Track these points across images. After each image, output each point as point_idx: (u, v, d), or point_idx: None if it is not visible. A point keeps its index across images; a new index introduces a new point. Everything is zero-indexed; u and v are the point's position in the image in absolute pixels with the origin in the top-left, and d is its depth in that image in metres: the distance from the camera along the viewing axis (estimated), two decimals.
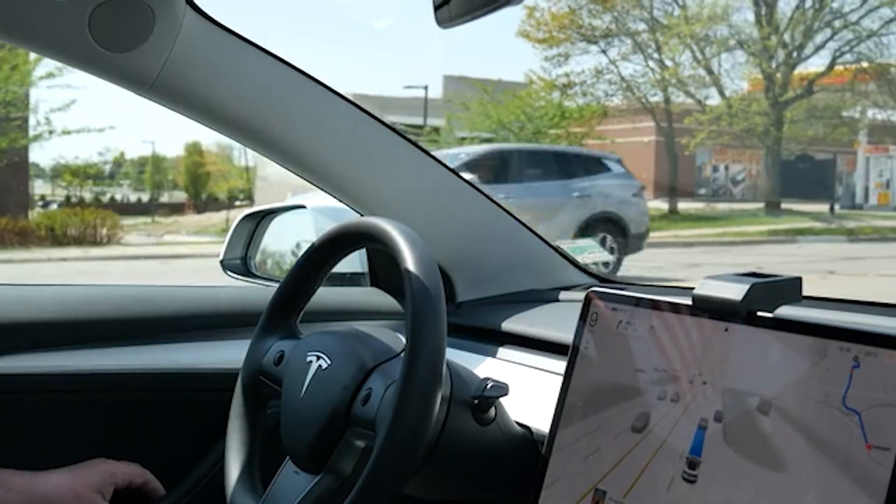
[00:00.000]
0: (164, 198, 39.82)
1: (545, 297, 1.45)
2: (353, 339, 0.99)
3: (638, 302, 0.92)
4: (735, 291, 0.81)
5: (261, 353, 1.06)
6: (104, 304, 1.32)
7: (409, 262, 0.89)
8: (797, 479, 0.73)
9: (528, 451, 1.02)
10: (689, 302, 0.86)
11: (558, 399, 0.95)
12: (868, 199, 27.59)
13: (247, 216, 1.79)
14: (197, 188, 37.32)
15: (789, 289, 0.83)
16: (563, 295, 1.45)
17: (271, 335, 1.06)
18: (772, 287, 0.81)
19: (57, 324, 1.25)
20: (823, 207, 23.13)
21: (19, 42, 1.10)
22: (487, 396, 0.97)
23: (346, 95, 1.28)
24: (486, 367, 1.24)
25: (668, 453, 0.83)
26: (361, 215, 1.36)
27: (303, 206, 1.68)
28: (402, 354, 0.90)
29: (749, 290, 0.80)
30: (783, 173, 24.35)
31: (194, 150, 37.72)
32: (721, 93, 24.04)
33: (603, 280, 1.54)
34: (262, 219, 1.77)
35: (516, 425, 1.04)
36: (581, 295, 1.00)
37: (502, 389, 0.97)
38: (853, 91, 24.17)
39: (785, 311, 0.80)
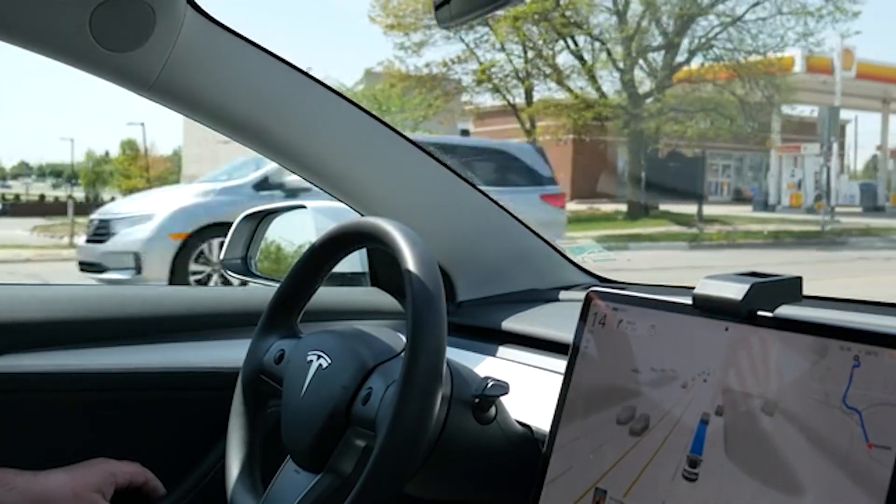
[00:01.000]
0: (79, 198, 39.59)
1: (545, 296, 1.45)
2: (353, 338, 0.99)
3: (638, 301, 0.92)
4: (735, 291, 0.81)
5: (261, 353, 1.06)
6: (105, 303, 1.32)
7: (410, 261, 0.89)
8: (798, 479, 0.73)
9: (529, 450, 1.02)
10: (689, 301, 0.86)
11: (559, 398, 0.95)
12: (781, 201, 26.78)
13: (247, 216, 1.79)
14: (96, 187, 37.37)
15: (790, 288, 0.83)
16: (563, 294, 1.45)
17: (272, 334, 1.06)
18: (772, 286, 0.81)
19: (58, 323, 1.25)
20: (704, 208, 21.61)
21: (20, 42, 1.10)
22: (488, 395, 0.97)
23: (346, 95, 1.28)
24: (486, 366, 1.24)
25: (668, 452, 0.83)
26: (362, 215, 1.36)
27: (303, 206, 1.69)
28: (403, 354, 0.90)
29: (749, 289, 0.80)
30: (656, 171, 22.89)
31: (129, 146, 37.72)
32: (567, 87, 22.49)
33: (603, 280, 1.54)
34: (262, 219, 1.77)
35: (517, 424, 1.04)
36: (581, 294, 1.00)
37: (503, 388, 0.97)
38: (715, 85, 22.95)
39: (785, 311, 0.80)
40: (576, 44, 21.49)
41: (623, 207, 21.74)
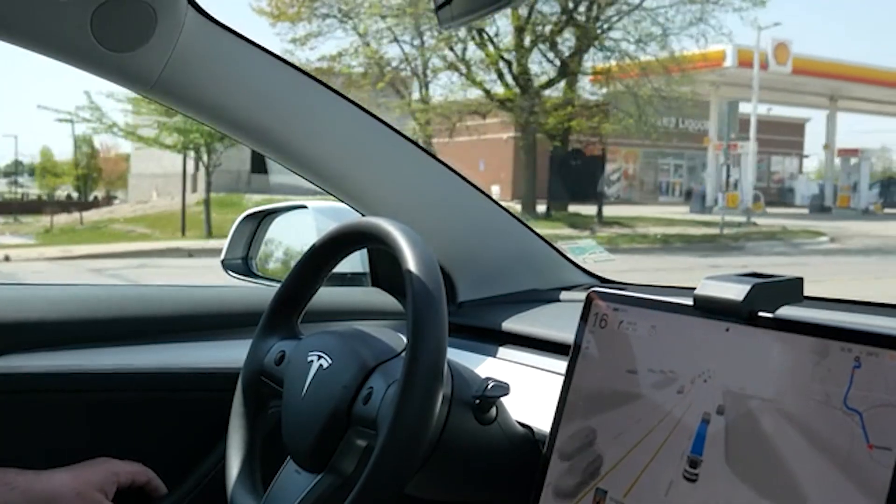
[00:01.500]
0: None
1: (546, 297, 1.45)
2: (354, 338, 0.99)
3: (639, 302, 0.92)
4: (736, 291, 0.81)
5: (262, 354, 1.06)
6: (106, 303, 1.32)
7: (411, 261, 0.89)
8: (798, 479, 0.73)
9: (529, 450, 1.02)
10: (690, 302, 0.86)
11: (559, 399, 0.96)
12: (718, 201, 24.15)
13: (248, 216, 1.79)
14: (87, 185, 37.52)
15: (790, 289, 0.83)
16: (563, 295, 1.45)
17: (272, 335, 1.07)
18: (773, 287, 0.81)
19: (59, 323, 1.25)
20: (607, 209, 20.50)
21: (21, 42, 1.10)
22: (488, 396, 0.97)
23: (347, 96, 1.28)
24: (487, 366, 1.24)
25: (668, 453, 0.83)
26: (362, 215, 1.36)
27: (304, 206, 1.68)
28: (404, 354, 0.90)
29: (750, 290, 0.80)
30: (560, 171, 21.24)
31: (84, 142, 37.68)
32: (474, 81, 20.45)
33: (604, 280, 1.54)
34: (262, 219, 1.77)
35: (517, 425, 1.04)
36: (582, 295, 1.00)
37: (503, 389, 0.97)
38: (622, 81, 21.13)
39: (786, 312, 0.80)
40: (480, 34, 19.64)
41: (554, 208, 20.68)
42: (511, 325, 1.32)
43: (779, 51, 25.80)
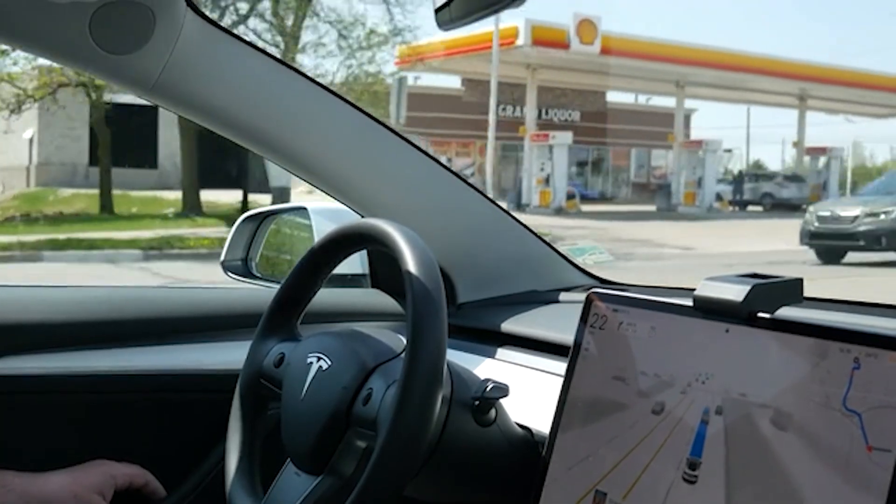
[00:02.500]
0: None
1: (546, 298, 1.45)
2: (353, 339, 0.99)
3: (639, 303, 0.92)
4: (736, 292, 0.81)
5: (261, 356, 1.06)
6: (105, 305, 1.32)
7: (410, 263, 0.89)
8: (797, 481, 0.73)
9: (529, 452, 1.02)
10: (689, 303, 0.86)
11: (559, 400, 0.95)
12: (532, 199, 22.82)
13: (247, 217, 1.79)
14: None
15: (790, 290, 0.83)
16: (563, 296, 1.45)
17: (271, 337, 1.06)
18: (772, 288, 0.81)
19: (57, 325, 1.25)
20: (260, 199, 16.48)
21: (20, 44, 1.10)
22: (488, 397, 0.97)
23: (345, 98, 1.28)
24: (486, 368, 1.24)
25: (668, 454, 0.83)
26: (362, 217, 1.36)
27: (303, 208, 1.68)
28: (403, 354, 0.90)
29: (750, 291, 0.80)
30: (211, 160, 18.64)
31: None
32: None
33: (603, 281, 1.54)
34: (262, 220, 1.77)
35: (517, 426, 1.04)
36: (581, 296, 1.00)
37: (503, 390, 0.97)
38: None
39: (785, 313, 0.80)
40: None
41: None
42: (510, 326, 1.31)
43: (583, 28, 22.78)
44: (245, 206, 15.71)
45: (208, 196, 18.67)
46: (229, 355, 1.26)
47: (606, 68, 25.23)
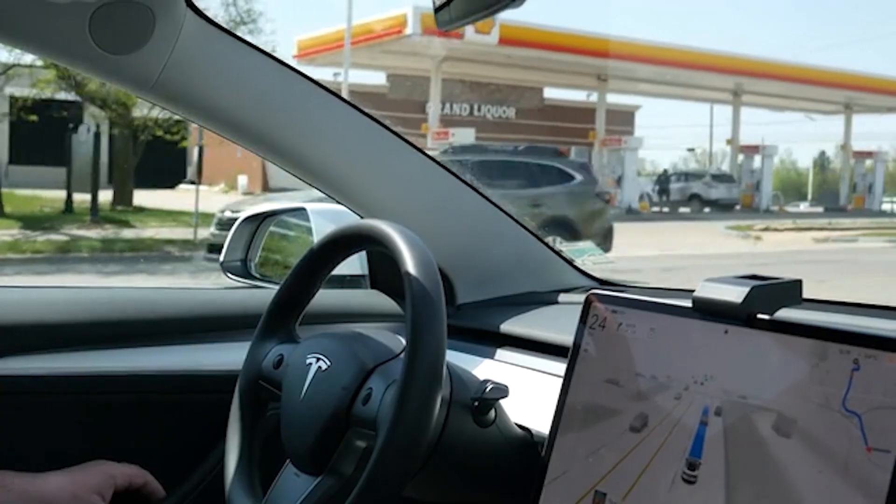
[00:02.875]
0: None
1: (545, 299, 1.45)
2: (352, 340, 0.99)
3: (638, 304, 0.92)
4: (735, 294, 0.81)
5: (260, 358, 1.05)
6: (105, 306, 1.32)
7: (410, 264, 0.89)
8: (797, 482, 0.73)
9: (528, 453, 1.02)
10: (689, 304, 0.86)
11: (558, 401, 0.95)
12: None
13: (247, 218, 1.79)
14: None
15: (789, 291, 0.83)
16: (562, 297, 1.45)
17: (270, 339, 1.06)
18: (772, 289, 0.81)
19: (57, 326, 1.25)
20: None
21: (20, 44, 1.10)
22: (487, 398, 0.97)
23: (345, 98, 1.28)
24: (485, 368, 1.24)
25: (667, 455, 0.83)
26: (361, 217, 1.36)
27: (303, 209, 1.68)
28: (402, 355, 0.90)
29: (749, 292, 0.80)
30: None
31: None
32: None
33: (603, 282, 1.54)
34: (262, 221, 1.77)
35: (516, 427, 1.04)
36: (581, 297, 1.00)
37: (502, 391, 0.97)
38: None
39: (785, 314, 0.80)
40: None
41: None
42: (510, 327, 1.31)
43: None
44: (69, 205, 14.93)
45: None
46: (229, 356, 1.26)
47: (526, 61, 23.96)
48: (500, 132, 26.34)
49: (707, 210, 28.07)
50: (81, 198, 15.13)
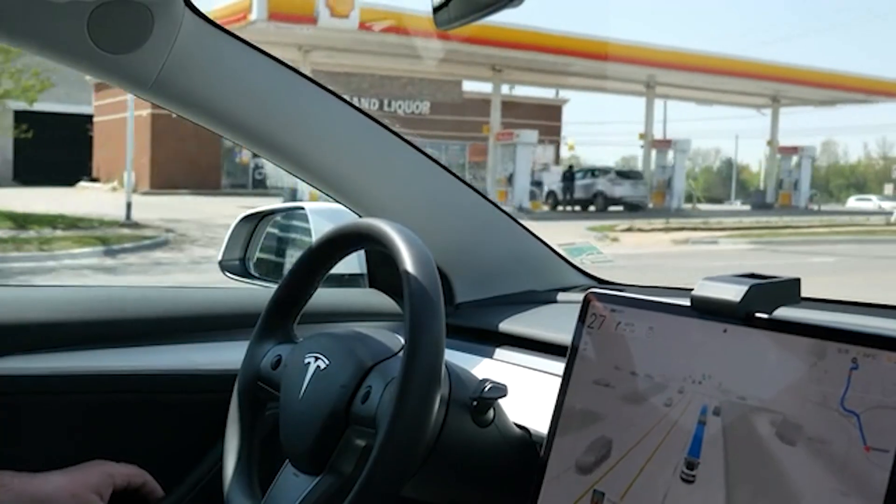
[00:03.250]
0: None
1: (544, 298, 1.45)
2: (351, 339, 0.99)
3: (636, 303, 0.92)
4: (733, 293, 0.81)
5: (258, 358, 1.05)
6: (103, 305, 1.32)
7: (408, 262, 0.89)
8: (795, 481, 0.73)
9: (527, 452, 1.02)
10: (687, 303, 0.86)
11: (557, 400, 0.95)
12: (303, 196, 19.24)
13: (245, 217, 1.79)
14: None
15: (788, 290, 0.83)
16: (561, 296, 1.45)
17: (268, 340, 1.06)
18: (770, 288, 0.81)
19: (55, 325, 1.25)
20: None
21: (18, 43, 1.10)
22: (486, 398, 0.97)
23: (343, 97, 1.28)
24: (484, 368, 1.24)
25: (666, 454, 0.83)
26: (360, 216, 1.36)
27: (301, 208, 1.68)
28: (401, 353, 0.90)
29: (747, 291, 0.80)
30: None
31: None
32: None
33: (601, 281, 1.54)
34: (260, 220, 1.77)
35: (515, 427, 1.04)
36: (579, 296, 1.00)
37: (501, 391, 0.97)
38: None
39: (783, 313, 0.80)
40: None
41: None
42: (508, 326, 1.32)
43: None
44: None
45: None
46: (228, 355, 1.26)
47: (409, 51, 21.50)
48: (412, 128, 24.60)
49: (618, 209, 25.86)
50: None
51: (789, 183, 30.19)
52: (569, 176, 27.39)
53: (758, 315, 0.80)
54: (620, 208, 25.96)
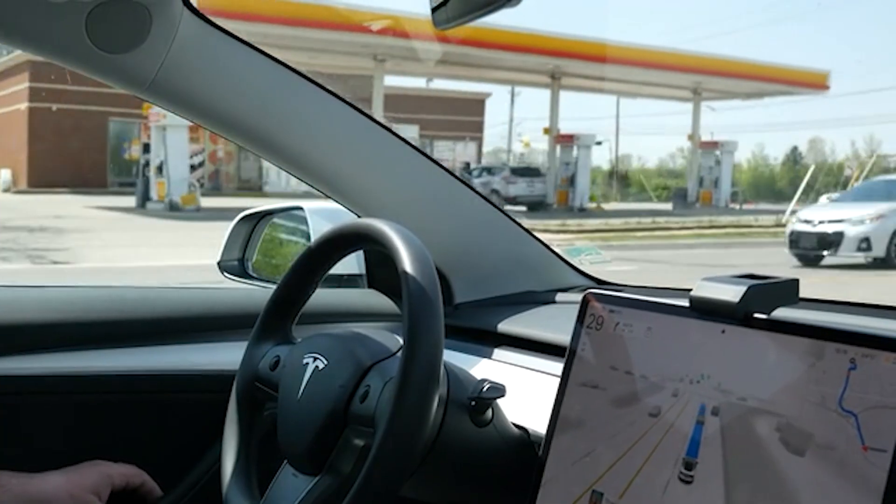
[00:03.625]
0: None
1: (542, 298, 1.45)
2: (349, 339, 0.99)
3: (635, 304, 0.92)
4: (732, 293, 0.81)
5: (256, 360, 1.05)
6: (102, 305, 1.31)
7: (407, 263, 0.89)
8: (793, 481, 0.73)
9: (525, 452, 1.02)
10: (686, 304, 0.86)
11: (555, 401, 0.95)
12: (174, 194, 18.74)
13: (244, 217, 1.78)
14: None
15: (786, 291, 0.83)
16: (560, 297, 1.45)
17: (267, 340, 1.06)
18: (769, 289, 0.81)
19: (54, 325, 1.25)
20: None
21: (17, 43, 1.10)
22: (484, 398, 0.97)
23: (343, 97, 1.28)
24: (482, 368, 1.24)
25: (664, 454, 0.83)
26: (358, 217, 1.36)
27: (300, 208, 1.68)
28: (399, 353, 0.90)
29: (746, 291, 0.80)
30: None
31: None
32: None
33: (600, 282, 1.54)
34: (259, 220, 1.77)
35: (513, 427, 1.04)
36: (578, 297, 1.00)
37: (499, 391, 0.97)
38: None
39: (782, 313, 0.80)
40: None
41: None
42: (507, 326, 1.31)
43: None
44: None
45: None
46: (226, 355, 1.25)
47: (280, 40, 18.90)
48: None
49: (520, 208, 23.43)
50: None
51: (710, 180, 28.12)
52: (466, 174, 24.56)
53: (756, 315, 0.80)
54: (523, 208, 23.89)
